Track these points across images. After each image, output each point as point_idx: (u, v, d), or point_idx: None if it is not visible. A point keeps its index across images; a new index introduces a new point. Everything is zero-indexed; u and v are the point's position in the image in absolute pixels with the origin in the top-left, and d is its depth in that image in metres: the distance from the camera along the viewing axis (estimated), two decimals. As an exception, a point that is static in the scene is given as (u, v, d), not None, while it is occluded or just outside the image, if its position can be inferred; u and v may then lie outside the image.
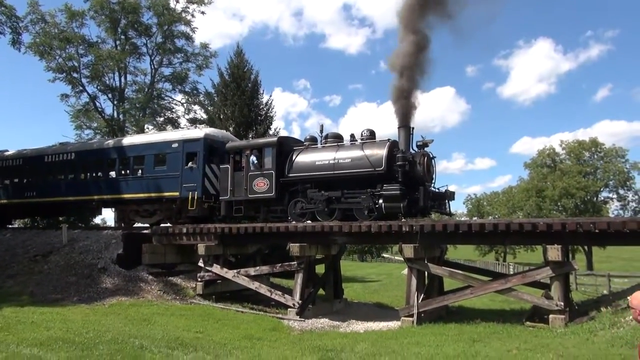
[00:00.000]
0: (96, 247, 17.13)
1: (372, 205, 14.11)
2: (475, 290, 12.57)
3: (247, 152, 16.60)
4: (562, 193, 55.63)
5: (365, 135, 15.28)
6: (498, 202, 77.51)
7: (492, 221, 12.54)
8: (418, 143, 14.65)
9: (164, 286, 15.89)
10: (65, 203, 21.15)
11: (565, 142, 60.05)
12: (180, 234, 16.77)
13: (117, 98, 33.21)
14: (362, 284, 32.19)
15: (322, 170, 15.02)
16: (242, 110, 29.34)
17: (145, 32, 33.17)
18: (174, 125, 34.14)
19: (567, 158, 59.53)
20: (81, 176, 20.96)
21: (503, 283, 12.34)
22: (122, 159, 19.72)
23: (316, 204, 15.11)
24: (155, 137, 19.78)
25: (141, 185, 18.69)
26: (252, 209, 16.56)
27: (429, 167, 14.41)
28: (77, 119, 34.41)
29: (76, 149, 21.51)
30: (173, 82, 34.78)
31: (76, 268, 16.06)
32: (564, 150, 59.69)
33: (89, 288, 14.96)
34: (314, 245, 14.85)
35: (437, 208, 14.78)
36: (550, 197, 56.84)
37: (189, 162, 17.67)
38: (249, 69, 31.58)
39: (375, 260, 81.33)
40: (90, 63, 32.28)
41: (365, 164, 14.34)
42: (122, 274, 15.95)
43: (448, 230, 12.45)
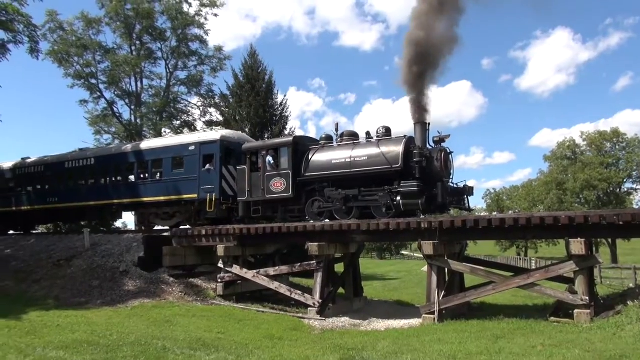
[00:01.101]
0: (118, 251, 17.35)
1: (390, 202, 14.04)
2: (497, 286, 12.44)
3: (263, 153, 16.65)
4: (583, 185, 54.71)
5: (381, 132, 15.21)
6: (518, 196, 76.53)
7: (512, 216, 12.39)
8: (435, 139, 14.54)
9: (184, 288, 16.02)
10: (87, 208, 21.46)
11: (586, 133, 59.01)
12: (199, 235, 16.89)
13: (134, 103, 33.61)
14: (382, 282, 32.07)
15: (339, 168, 14.98)
16: (257, 111, 29.44)
17: (159, 37, 33.50)
18: (191, 128, 34.42)
19: (588, 149, 58.50)
20: (101, 181, 21.24)
21: (525, 278, 12.19)
22: (141, 162, 19.94)
23: (334, 202, 15.08)
24: (172, 140, 19.97)
25: (160, 189, 18.88)
26: (270, 209, 16.59)
27: (446, 163, 14.28)
28: (95, 124, 34.92)
29: (95, 154, 21.84)
30: (188, 85, 35.05)
31: (99, 272, 16.30)
32: (585, 141, 58.67)
33: (112, 291, 15.17)
34: (332, 244, 14.83)
35: (456, 204, 14.65)
36: (572, 189, 55.96)
37: (206, 164, 17.79)
38: (263, 69, 31.68)
39: (395, 257, 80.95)
40: (107, 69, 32.74)
41: (382, 161, 14.28)
42: (143, 277, 16.12)
43: (468, 226, 12.33)
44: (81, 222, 25.69)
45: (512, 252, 73.29)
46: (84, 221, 25.52)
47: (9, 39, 19.01)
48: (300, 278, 21.05)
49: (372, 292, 21.16)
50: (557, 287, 13.03)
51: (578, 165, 56.93)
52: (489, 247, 76.78)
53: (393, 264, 61.79)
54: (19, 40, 19.26)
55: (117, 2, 31.36)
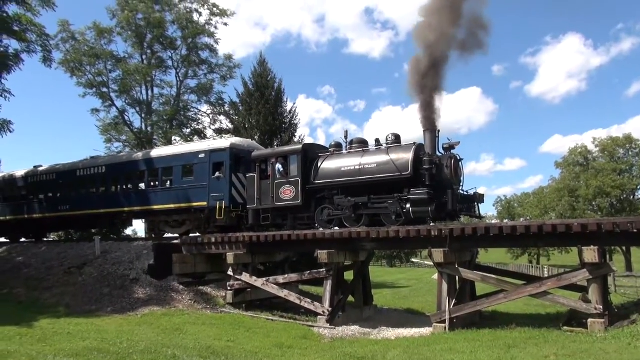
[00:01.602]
0: (128, 258, 17.43)
1: (400, 210, 13.99)
2: (509, 295, 12.31)
3: (272, 161, 16.69)
4: (596, 192, 54.22)
5: (390, 139, 15.19)
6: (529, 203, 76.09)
7: (524, 223, 12.28)
8: (444, 146, 14.49)
9: (194, 295, 16.05)
10: (97, 215, 21.60)
11: (598, 139, 58.55)
12: (209, 243, 16.93)
13: (145, 111, 33.93)
14: (392, 290, 31.91)
15: (348, 176, 14.97)
16: (266, 118, 29.55)
17: (170, 46, 33.86)
18: (201, 136, 34.64)
19: (601, 156, 58.00)
20: (112, 189, 21.38)
21: (538, 287, 12.06)
22: (151, 170, 20.05)
23: (343, 210, 15.06)
24: (182, 148, 20.08)
25: (170, 196, 18.97)
26: (280, 216, 16.59)
27: (456, 170, 14.23)
28: (106, 132, 35.28)
29: (106, 163, 22.01)
30: (198, 94, 35.35)
31: (109, 279, 16.38)
32: (597, 147, 58.19)
33: (122, 299, 15.23)
34: (342, 252, 14.79)
35: (467, 211, 14.58)
36: (584, 196, 55.46)
37: (216, 172, 17.86)
38: (273, 77, 31.80)
39: (405, 265, 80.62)
40: (119, 78, 33.17)
41: (392, 168, 14.25)
42: (153, 284, 16.18)
43: (478, 233, 12.25)
44: (92, 229, 25.86)
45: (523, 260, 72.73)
46: (94, 229, 25.70)
47: (23, 49, 19.29)
48: (309, 286, 21.01)
49: (382, 301, 21.05)
50: (570, 295, 12.89)
51: (590, 172, 56.44)
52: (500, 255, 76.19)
53: (403, 271, 61.54)
54: (32, 49, 19.52)
55: (129, 11, 31.79)
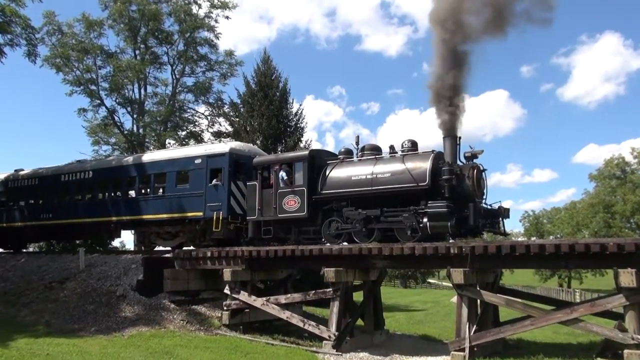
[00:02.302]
0: (115, 273, 17.48)
1: (416, 224, 13.95)
2: (536, 321, 12.22)
3: (276, 168, 16.72)
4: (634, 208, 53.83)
5: (406, 146, 15.18)
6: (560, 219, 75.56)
7: (553, 242, 12.22)
8: (466, 154, 14.48)
9: (187, 315, 16.05)
10: (83, 225, 21.70)
11: (638, 150, 58.17)
12: (204, 258, 16.94)
13: (137, 111, 34.12)
14: (406, 313, 31.71)
15: (359, 186, 14.97)
16: (270, 121, 29.66)
17: (166, 40, 34.11)
18: (197, 139, 34.78)
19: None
20: (99, 196, 21.48)
21: (568, 313, 11.96)
22: (142, 176, 20.15)
23: (353, 223, 15.04)
24: (177, 152, 20.18)
25: (162, 205, 19.04)
26: (282, 229, 16.59)
27: (479, 181, 14.19)
28: (94, 134, 35.49)
29: (94, 167, 22.13)
30: (196, 93, 35.50)
31: (94, 295, 16.42)
32: (636, 159, 57.82)
33: (108, 317, 15.26)
34: (351, 270, 14.75)
35: (490, 227, 14.50)
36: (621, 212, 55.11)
37: (213, 179, 17.92)
38: (277, 76, 31.96)
39: (420, 286, 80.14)
40: (109, 74, 33.43)
41: (407, 178, 14.23)
42: (142, 302, 16.20)
43: (503, 252, 12.19)
44: (76, 240, 25.96)
45: (553, 282, 72.11)
46: (79, 240, 25.80)
47: (6, 42, 19.53)
48: (314, 307, 20.93)
49: (394, 325, 20.94)
50: (604, 323, 12.76)
51: (628, 186, 56.10)
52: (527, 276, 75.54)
53: (418, 293, 61.15)
54: (16, 43, 19.77)
55: (122, 2, 32.08)
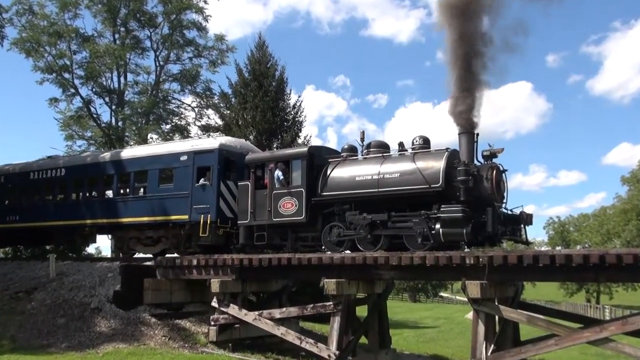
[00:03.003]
0: (89, 283, 17.45)
1: (427, 231, 13.92)
2: (561, 341, 12.19)
3: (271, 166, 16.69)
4: (672, 215, 53.83)
5: (417, 143, 15.17)
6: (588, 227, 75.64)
7: (581, 252, 12.17)
8: (484, 153, 14.46)
9: (169, 331, 16.02)
10: (54, 228, 21.66)
11: (676, 150, 58.23)
12: (189, 266, 16.91)
13: (116, 102, 34.15)
14: (415, 330, 31.73)
15: (364, 187, 14.95)
16: (265, 114, 29.65)
17: (149, 23, 34.15)
18: (183, 133, 34.77)
19: (678, 170, 57.72)
20: (72, 196, 21.46)
21: (597, 331, 11.92)
22: (121, 175, 20.12)
23: (357, 229, 15.02)
24: (160, 148, 20.18)
25: (143, 207, 19.01)
26: (278, 235, 16.57)
27: (498, 183, 14.17)
28: (68, 127, 35.45)
29: (66, 164, 22.11)
30: (182, 82, 35.55)
31: (65, 308, 16.39)
32: (674, 160, 57.88)
33: (80, 332, 15.23)
34: (354, 282, 14.70)
35: (510, 234, 14.48)
36: (657, 220, 55.07)
37: (200, 178, 17.88)
38: (274, 64, 31.97)
39: (432, 300, 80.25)
40: (85, 61, 33.41)
41: (418, 179, 14.21)
42: (119, 316, 16.17)
43: (524, 262, 12.15)
44: (46, 246, 25.93)
45: (580, 297, 72.20)
46: (49, 245, 25.77)
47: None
48: (312, 323, 20.91)
49: (402, 343, 20.94)
50: (637, 343, 12.73)
51: (665, 190, 56.07)
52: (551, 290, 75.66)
53: (429, 308, 61.22)
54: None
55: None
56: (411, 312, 49.86)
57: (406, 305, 62.87)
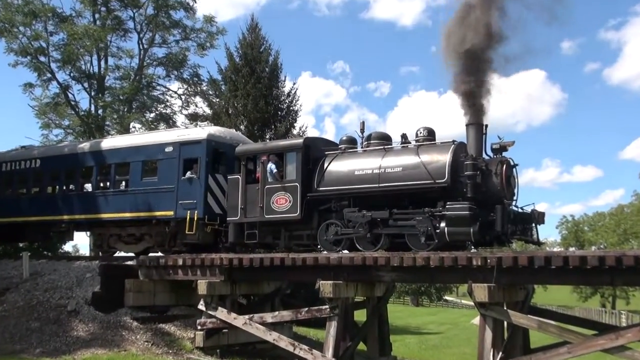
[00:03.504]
0: (65, 283, 17.42)
1: (431, 229, 13.95)
2: (574, 348, 12.22)
3: (263, 159, 16.69)
4: (694, 215, 54.04)
5: (421, 135, 15.19)
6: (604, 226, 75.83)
7: (596, 253, 12.21)
8: (494, 146, 14.49)
9: (152, 335, 16.03)
10: (28, 224, 21.70)
11: (699, 145, 58.40)
12: (174, 266, 16.91)
13: (95, 88, 34.04)
14: (418, 336, 31.83)
15: (364, 182, 14.97)
16: (257, 102, 29.64)
17: (132, 2, 33.91)
18: (169, 123, 34.70)
19: (702, 166, 57.95)
20: (48, 190, 21.47)
21: (613, 339, 11.96)
22: (101, 167, 20.11)
23: (355, 227, 15.04)
24: (143, 138, 20.15)
25: (125, 202, 19.00)
26: (270, 233, 16.60)
27: (508, 179, 14.20)
28: (44, 115, 35.35)
29: (42, 155, 22.09)
30: (167, 67, 35.45)
31: (40, 310, 16.36)
32: (697, 155, 58.09)
33: (56, 337, 15.21)
34: (352, 284, 14.74)
35: (520, 234, 14.52)
36: (679, 220, 55.30)
37: (187, 171, 17.89)
38: (267, 48, 31.97)
39: (435, 304, 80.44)
40: (62, 43, 33.20)
41: (422, 174, 14.23)
42: (98, 319, 16.16)
43: (536, 264, 12.18)
44: (19, 243, 25.87)
45: (594, 302, 72.44)
46: (23, 242, 25.71)
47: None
48: (307, 328, 20.95)
49: (403, 351, 21.01)
50: (656, 352, 12.77)
51: (687, 188, 56.25)
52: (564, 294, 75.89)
53: (433, 312, 61.42)
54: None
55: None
56: (413, 316, 50.00)
57: (408, 310, 63.01)
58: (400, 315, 46.04)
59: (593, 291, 71.06)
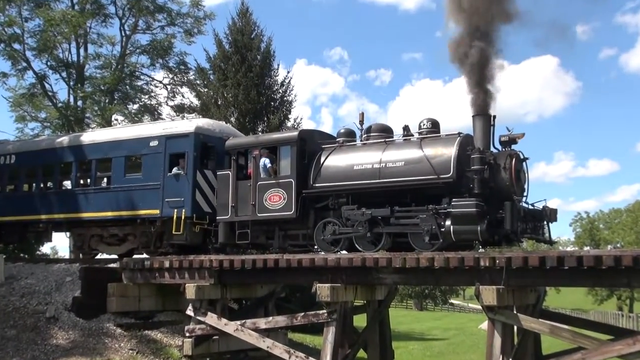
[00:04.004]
0: (44, 288, 17.42)
1: (436, 228, 13.98)
2: (589, 354, 12.25)
3: (255, 153, 16.70)
4: None
5: (425, 127, 15.22)
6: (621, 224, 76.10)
7: (612, 252, 12.23)
8: (502, 139, 14.50)
9: (137, 343, 16.05)
10: (2, 225, 21.66)
11: None
12: (161, 269, 16.90)
13: (74, 78, 34.01)
14: (422, 342, 31.91)
15: (363, 178, 14.98)
16: (248, 93, 29.63)
17: (113, -15, 33.89)
18: (153, 115, 34.69)
19: None
20: (24, 187, 21.44)
21: (630, 344, 11.99)
22: (81, 163, 20.13)
23: (354, 226, 15.06)
24: (126, 132, 20.12)
25: (107, 201, 18.99)
26: (263, 233, 16.63)
27: (518, 174, 14.21)
28: (19, 107, 35.28)
29: (17, 150, 22.07)
30: (152, 55, 35.44)
31: (16, 317, 16.34)
32: None
33: (34, 345, 15.20)
34: (351, 287, 14.74)
35: (531, 233, 14.55)
36: (700, 217, 55.50)
37: (173, 167, 17.88)
38: (259, 34, 31.94)
39: (441, 308, 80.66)
40: (38, 29, 33.15)
41: (426, 169, 14.25)
42: (79, 326, 16.17)
43: (547, 265, 12.19)
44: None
45: (610, 305, 72.69)
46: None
47: None
48: (303, 334, 20.98)
49: (406, 358, 21.07)
50: (677, 358, 12.83)
51: None
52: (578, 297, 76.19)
53: (438, 317, 61.54)
54: None
55: None
56: (417, 321, 50.11)
57: (411, 314, 63.19)
58: (403, 320, 46.16)
59: (609, 293, 71.34)
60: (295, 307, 18.62)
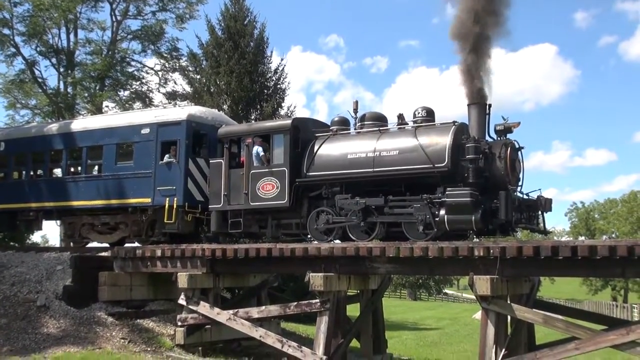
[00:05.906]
0: (34, 276, 17.40)
1: (430, 218, 14.03)
2: (583, 344, 12.34)
3: (248, 141, 16.67)
4: None
5: (420, 115, 15.22)
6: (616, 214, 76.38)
7: (607, 243, 12.29)
8: (498, 127, 14.52)
9: (129, 332, 16.04)
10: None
11: None
12: (152, 258, 16.91)
13: (64, 64, 33.79)
14: (415, 332, 32.04)
15: (357, 167, 15.01)
16: (241, 80, 29.55)
17: (104, -31, 33.66)
18: (145, 102, 34.55)
19: None
20: (13, 175, 21.40)
21: (624, 334, 12.08)
22: (71, 150, 20.07)
23: (348, 215, 15.10)
24: (117, 119, 20.07)
25: (98, 189, 18.97)
26: (256, 222, 16.65)
27: (513, 163, 14.26)
28: (8, 93, 35.09)
29: (6, 137, 22.01)
30: (143, 41, 35.26)
31: (6, 306, 16.34)
32: None
33: (25, 334, 15.20)
34: (344, 276, 14.79)
35: (526, 222, 14.64)
36: (696, 207, 55.77)
37: (165, 155, 17.87)
38: (252, 20, 31.86)
39: (434, 298, 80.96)
40: (27, 14, 32.89)
41: (420, 157, 14.27)
42: (70, 315, 16.17)
43: (542, 255, 12.25)
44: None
45: (605, 295, 73.08)
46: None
47: None
48: (296, 324, 21.05)
49: (400, 348, 21.16)
50: (670, 348, 12.93)
51: None
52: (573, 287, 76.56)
53: (432, 307, 61.80)
54: None
55: None
56: (411, 311, 50.28)
57: (405, 304, 63.36)
58: (396, 310, 46.31)
59: (603, 284, 71.69)
60: (288, 297, 18.66)
